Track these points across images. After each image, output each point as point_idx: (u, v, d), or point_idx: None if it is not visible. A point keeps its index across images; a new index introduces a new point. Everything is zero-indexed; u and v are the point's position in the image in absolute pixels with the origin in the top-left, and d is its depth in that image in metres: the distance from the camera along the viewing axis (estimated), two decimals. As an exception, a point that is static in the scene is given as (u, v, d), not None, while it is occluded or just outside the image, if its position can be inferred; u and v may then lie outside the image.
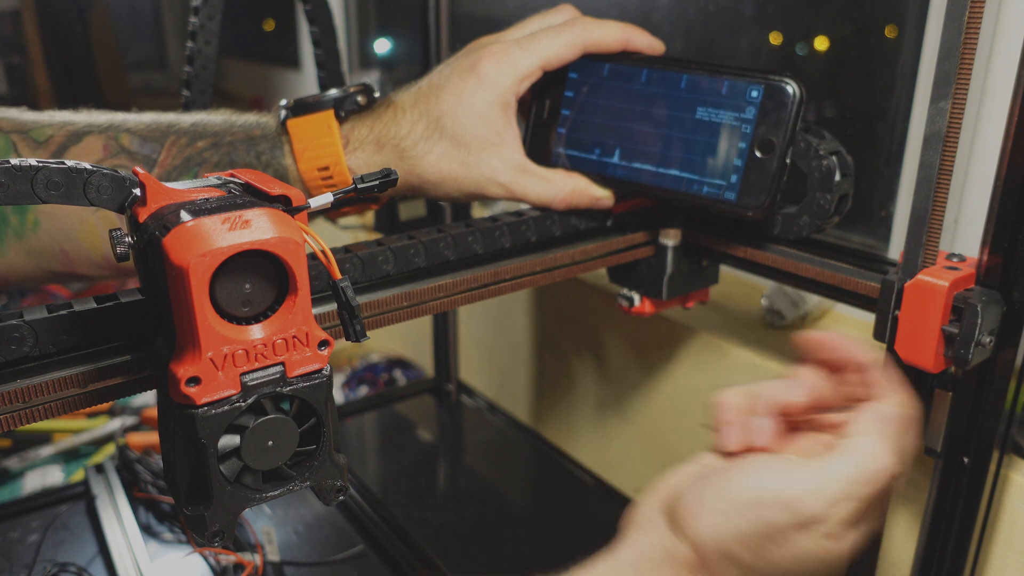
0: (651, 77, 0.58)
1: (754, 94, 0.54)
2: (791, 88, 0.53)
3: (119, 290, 0.41)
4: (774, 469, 0.43)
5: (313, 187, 0.59)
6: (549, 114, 0.62)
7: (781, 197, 0.55)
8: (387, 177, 0.39)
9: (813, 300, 0.78)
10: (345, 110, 0.59)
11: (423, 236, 0.52)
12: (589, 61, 0.60)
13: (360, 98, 0.59)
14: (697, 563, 0.43)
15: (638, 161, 0.58)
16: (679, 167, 0.57)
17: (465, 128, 0.57)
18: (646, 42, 0.60)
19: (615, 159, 0.59)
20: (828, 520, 0.41)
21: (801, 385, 0.46)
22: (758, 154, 0.54)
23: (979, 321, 0.47)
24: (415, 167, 0.58)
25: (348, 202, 0.61)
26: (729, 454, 0.46)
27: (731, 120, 0.55)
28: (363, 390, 1.18)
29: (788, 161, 0.53)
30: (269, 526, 0.76)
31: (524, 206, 0.61)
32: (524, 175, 0.59)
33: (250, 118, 0.60)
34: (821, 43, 0.82)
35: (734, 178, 0.55)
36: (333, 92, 0.59)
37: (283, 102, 0.60)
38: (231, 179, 0.38)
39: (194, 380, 0.33)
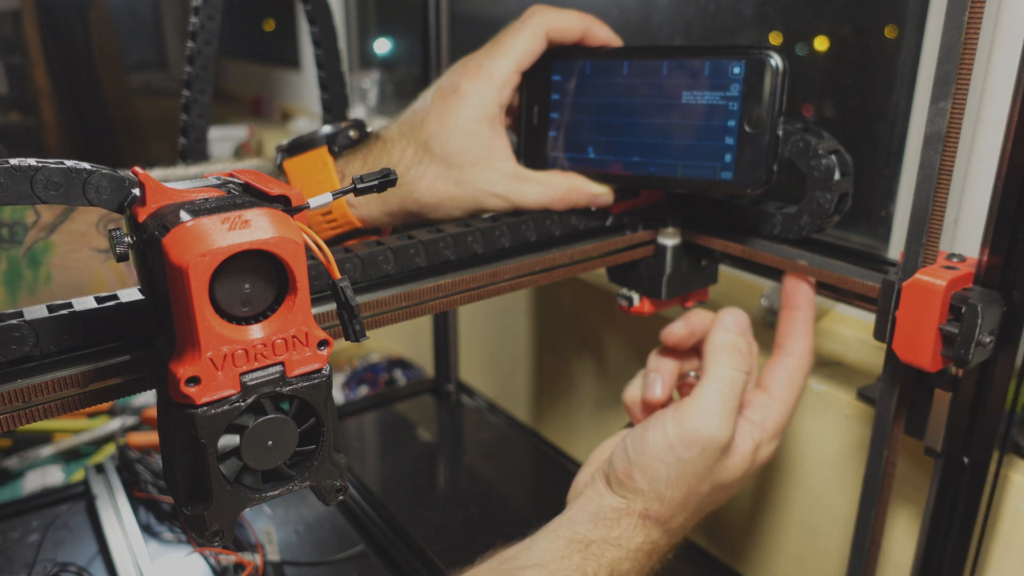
0: (632, 69, 0.57)
1: (736, 71, 0.53)
2: (773, 60, 0.52)
3: (119, 290, 0.41)
4: (669, 416, 0.55)
5: (314, 223, 0.58)
6: (539, 120, 0.62)
7: (777, 178, 0.55)
8: (386, 177, 0.39)
9: (813, 300, 0.78)
10: (338, 145, 0.58)
11: (423, 236, 0.52)
12: (570, 61, 0.60)
13: (352, 132, 0.59)
14: (641, 511, 0.54)
15: (632, 154, 0.58)
16: (673, 154, 0.57)
17: (453, 148, 0.57)
18: (604, 33, 0.60)
19: (609, 155, 0.59)
20: (725, 438, 0.54)
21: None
22: (748, 130, 0.53)
23: (979, 321, 0.47)
24: (411, 192, 0.58)
25: (352, 236, 0.60)
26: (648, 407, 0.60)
27: (717, 100, 0.54)
28: (363, 390, 1.18)
29: (780, 133, 0.53)
30: (269, 526, 0.77)
31: (524, 207, 0.61)
32: (519, 182, 0.59)
33: (251, 163, 0.60)
34: (821, 43, 0.82)
35: (728, 157, 0.55)
36: (326, 129, 0.59)
37: (280, 144, 0.59)
38: (230, 179, 0.38)
39: (194, 380, 0.33)
